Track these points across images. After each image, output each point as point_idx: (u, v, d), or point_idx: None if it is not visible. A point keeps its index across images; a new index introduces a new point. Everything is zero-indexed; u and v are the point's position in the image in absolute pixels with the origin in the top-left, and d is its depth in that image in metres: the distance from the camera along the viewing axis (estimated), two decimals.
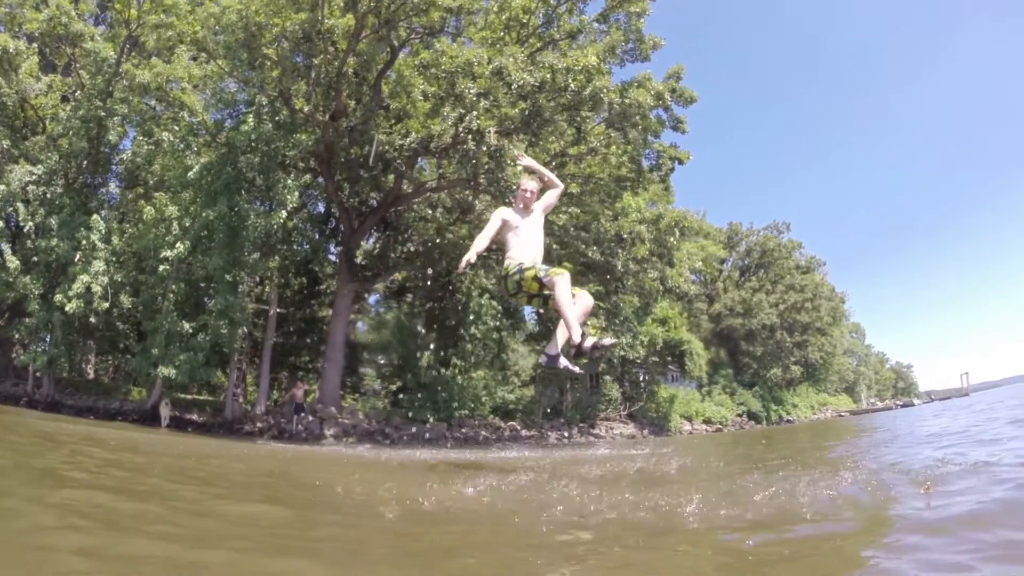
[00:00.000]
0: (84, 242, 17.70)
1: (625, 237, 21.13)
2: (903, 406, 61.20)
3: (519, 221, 5.10)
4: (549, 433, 25.56)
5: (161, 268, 16.91)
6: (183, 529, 3.33)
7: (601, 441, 24.79)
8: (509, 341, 28.71)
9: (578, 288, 4.81)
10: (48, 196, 18.61)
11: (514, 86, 16.38)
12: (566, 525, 3.72)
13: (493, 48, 17.68)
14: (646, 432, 30.46)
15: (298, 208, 20.63)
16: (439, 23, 18.28)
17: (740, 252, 53.27)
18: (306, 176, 19.87)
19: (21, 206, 18.10)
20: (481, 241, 4.92)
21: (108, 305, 17.50)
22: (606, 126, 18.77)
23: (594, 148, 19.66)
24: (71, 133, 18.67)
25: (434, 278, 24.24)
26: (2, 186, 17.67)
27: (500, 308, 25.51)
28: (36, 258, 18.26)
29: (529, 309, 23.41)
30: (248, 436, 17.94)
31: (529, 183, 5.25)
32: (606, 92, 16.89)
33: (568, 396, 29.04)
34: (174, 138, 17.63)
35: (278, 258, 20.35)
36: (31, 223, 18.24)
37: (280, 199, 17.24)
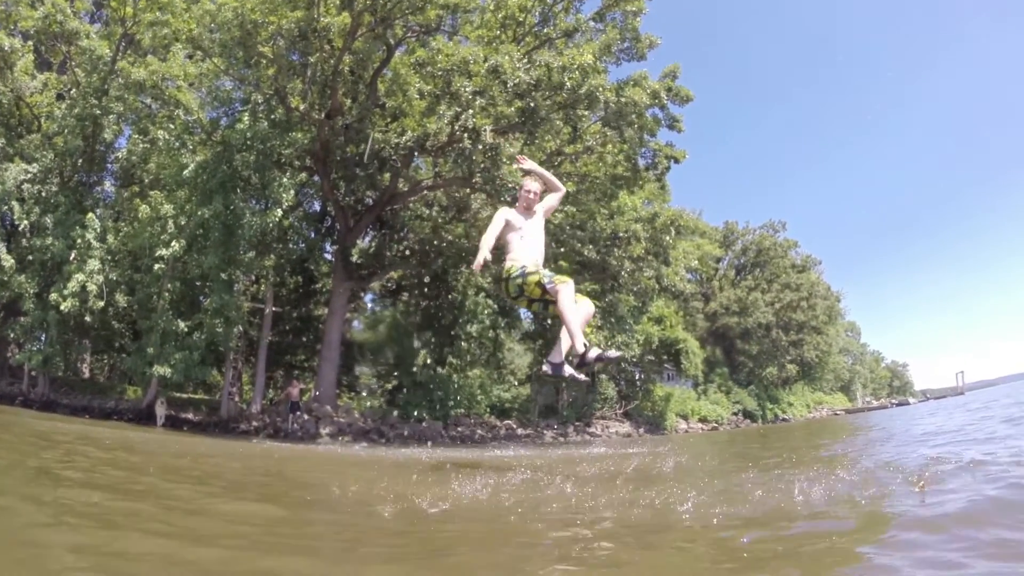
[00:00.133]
0: (79, 241, 17.64)
1: (621, 236, 21.19)
2: (898, 405, 61.41)
3: (521, 222, 5.04)
4: (545, 432, 25.58)
5: (156, 267, 16.86)
6: (178, 527, 3.33)
7: (597, 440, 24.84)
8: (505, 340, 28.72)
9: (580, 295, 4.76)
10: (43, 194, 18.55)
11: (510, 84, 16.39)
12: (562, 523, 3.72)
13: (489, 46, 17.69)
14: (642, 431, 30.54)
15: (294, 206, 20.62)
16: (435, 21, 18.26)
17: (736, 251, 53.32)
18: (302, 174, 19.87)
19: (16, 204, 18.03)
20: (488, 241, 4.85)
21: (103, 304, 17.47)
22: (602, 125, 18.81)
23: (590, 147, 19.69)
24: (66, 131, 18.60)
25: (430, 276, 24.24)
26: None
27: (496, 307, 25.49)
28: (31, 257, 18.20)
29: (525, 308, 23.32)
30: (244, 435, 17.90)
31: (532, 184, 5.19)
32: (602, 91, 16.92)
33: (564, 395, 29.07)
34: (169, 136, 17.57)
35: (274, 257, 20.34)
36: (26, 222, 18.17)
37: (276, 197, 17.24)
